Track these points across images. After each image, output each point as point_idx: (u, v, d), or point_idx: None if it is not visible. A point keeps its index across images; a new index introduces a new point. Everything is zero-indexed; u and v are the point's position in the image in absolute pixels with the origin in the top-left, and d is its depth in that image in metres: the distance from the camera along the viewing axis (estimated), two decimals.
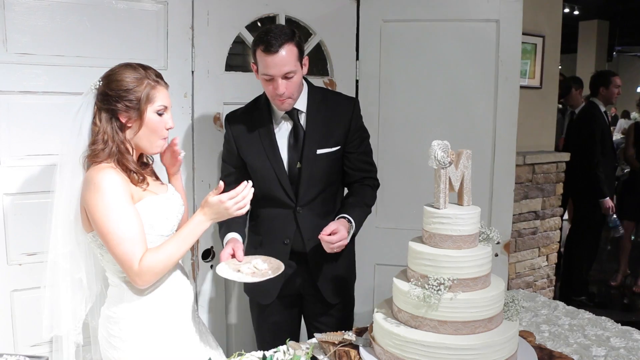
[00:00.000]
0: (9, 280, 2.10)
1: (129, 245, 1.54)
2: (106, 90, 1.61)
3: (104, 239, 1.56)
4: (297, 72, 1.89)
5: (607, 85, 4.45)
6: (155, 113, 1.65)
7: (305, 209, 2.05)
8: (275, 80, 1.87)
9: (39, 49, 2.06)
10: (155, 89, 1.64)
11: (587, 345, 1.84)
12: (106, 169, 1.58)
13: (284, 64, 1.83)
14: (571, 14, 8.09)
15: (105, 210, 1.54)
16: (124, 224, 1.54)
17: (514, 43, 2.68)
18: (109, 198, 1.54)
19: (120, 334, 1.66)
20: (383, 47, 2.76)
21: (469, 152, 1.60)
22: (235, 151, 2.08)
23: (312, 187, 2.04)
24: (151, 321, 1.67)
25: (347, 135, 2.07)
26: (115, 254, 1.55)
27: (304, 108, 2.04)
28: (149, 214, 1.64)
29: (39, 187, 2.11)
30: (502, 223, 2.72)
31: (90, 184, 1.57)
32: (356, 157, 2.12)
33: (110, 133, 1.61)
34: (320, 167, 2.03)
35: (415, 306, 1.47)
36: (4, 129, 2.04)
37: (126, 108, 1.61)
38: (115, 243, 1.54)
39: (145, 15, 2.26)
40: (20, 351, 2.06)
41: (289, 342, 1.67)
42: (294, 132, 2.03)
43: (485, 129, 2.74)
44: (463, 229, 1.50)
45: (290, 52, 1.84)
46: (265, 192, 2.04)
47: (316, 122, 2.03)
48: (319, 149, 2.02)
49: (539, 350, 1.62)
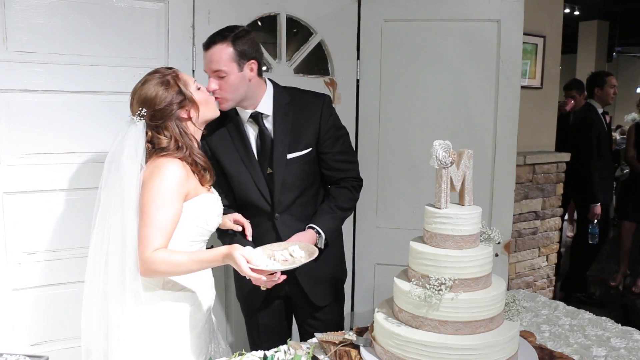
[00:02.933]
0: (8, 279, 2.10)
1: (154, 231, 1.59)
2: (152, 112, 1.67)
3: (141, 217, 1.61)
4: (230, 73, 1.84)
5: (602, 86, 4.39)
6: (197, 89, 1.74)
7: (284, 215, 2.00)
8: (209, 79, 1.87)
9: (39, 47, 2.06)
10: (178, 73, 1.72)
11: (587, 346, 1.83)
12: (175, 160, 1.66)
13: (212, 61, 1.84)
14: (571, 15, 8.08)
15: (156, 194, 1.60)
16: (163, 213, 1.60)
17: (515, 43, 2.68)
18: (165, 185, 1.61)
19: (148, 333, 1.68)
20: (384, 47, 2.76)
21: (470, 152, 1.60)
22: (214, 159, 1.99)
23: (287, 192, 1.99)
24: (175, 322, 1.70)
25: (317, 135, 2.00)
26: (140, 233, 1.60)
27: (269, 111, 1.97)
28: (206, 209, 1.72)
29: (39, 186, 2.11)
30: (502, 223, 2.72)
31: (155, 169, 1.64)
32: (331, 158, 2.05)
33: (177, 132, 1.69)
34: (293, 171, 1.98)
35: (416, 306, 1.47)
36: (4, 127, 2.04)
37: (180, 106, 1.69)
38: (146, 223, 1.59)
39: (146, 14, 2.26)
40: (20, 350, 2.05)
41: (289, 342, 1.67)
42: (260, 136, 1.97)
43: (486, 129, 2.74)
44: (464, 229, 1.50)
45: (221, 52, 1.83)
46: (244, 199, 2.01)
47: (284, 126, 1.97)
48: (289, 154, 1.96)
49: (539, 351, 1.62)
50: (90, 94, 2.17)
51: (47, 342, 2.18)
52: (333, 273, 2.16)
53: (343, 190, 2.08)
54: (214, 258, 1.62)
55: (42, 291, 2.16)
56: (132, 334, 1.65)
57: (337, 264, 2.20)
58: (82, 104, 2.16)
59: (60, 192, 2.16)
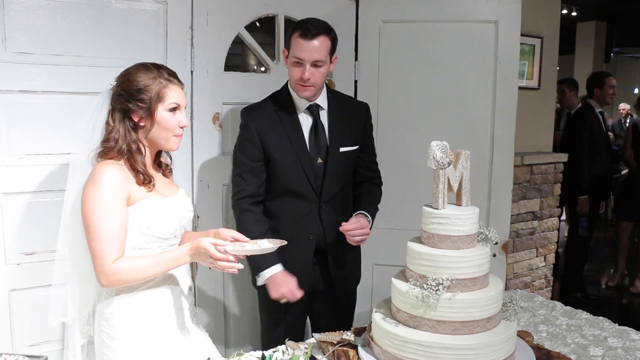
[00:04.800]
0: (7, 279, 2.10)
1: (107, 243, 1.55)
2: (119, 90, 1.64)
3: (86, 230, 1.58)
4: (325, 64, 1.98)
5: (601, 86, 4.50)
6: (167, 111, 1.65)
7: (327, 205, 2.09)
8: (304, 66, 1.95)
9: (38, 49, 2.06)
10: (167, 87, 1.65)
11: (584, 345, 1.84)
12: (109, 164, 1.60)
13: (315, 51, 1.93)
14: (569, 15, 8.09)
15: (96, 203, 1.55)
16: (108, 221, 1.55)
17: (513, 44, 2.69)
18: (103, 193, 1.55)
19: (110, 330, 1.66)
20: (382, 48, 2.77)
21: (467, 152, 1.60)
22: (258, 143, 2.04)
23: (335, 183, 2.10)
24: (143, 318, 1.67)
25: (363, 136, 2.17)
26: (92, 247, 1.57)
27: (325, 105, 2.10)
28: (148, 214, 1.63)
29: (38, 187, 2.12)
30: (500, 223, 2.73)
31: (91, 177, 1.59)
32: (369, 158, 2.24)
33: (123, 132, 1.63)
34: (343, 164, 2.11)
35: (414, 306, 1.48)
36: (2, 128, 2.04)
37: (138, 107, 1.63)
38: (94, 237, 1.55)
39: (145, 15, 2.26)
40: (19, 351, 2.06)
41: (287, 341, 1.67)
42: (315, 127, 2.08)
43: (484, 129, 2.74)
44: (461, 229, 1.50)
45: (324, 43, 1.95)
46: (288, 186, 2.06)
47: (337, 121, 2.10)
48: (341, 147, 2.09)
49: (536, 350, 1.63)
50: (89, 94, 2.15)
51: (46, 343, 2.18)
52: (354, 271, 2.28)
53: (376, 187, 2.27)
54: (179, 255, 1.60)
55: (41, 292, 2.16)
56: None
57: (358, 264, 2.32)
58: (81, 104, 2.15)
59: (59, 193, 2.14)
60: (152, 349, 1.66)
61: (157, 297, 1.70)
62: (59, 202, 2.13)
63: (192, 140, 2.42)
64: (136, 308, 1.66)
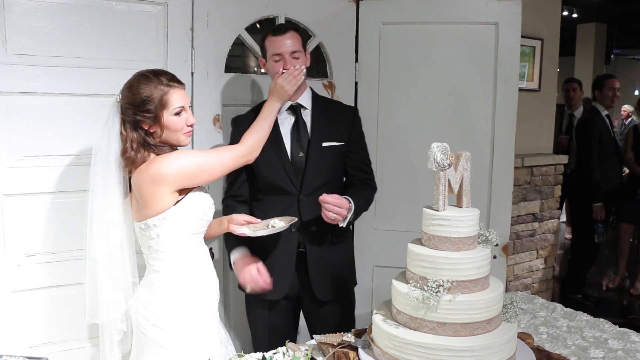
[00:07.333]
0: (7, 281, 2.10)
1: (222, 151, 1.84)
2: (125, 104, 1.71)
3: (200, 172, 1.74)
4: (301, 55, 2.05)
5: (601, 89, 4.48)
6: (173, 115, 1.73)
7: (308, 198, 2.08)
8: (284, 58, 2.02)
9: (38, 50, 2.06)
10: (168, 93, 1.71)
11: (585, 347, 1.84)
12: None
13: (290, 44, 2.03)
14: (569, 17, 8.10)
15: (191, 158, 1.76)
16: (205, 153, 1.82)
17: (513, 46, 2.69)
18: (187, 155, 1.76)
19: (156, 314, 1.76)
20: (382, 50, 2.77)
21: (468, 154, 1.60)
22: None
23: (317, 176, 2.10)
24: (185, 308, 1.77)
25: (350, 134, 2.17)
26: (223, 162, 1.80)
27: (308, 105, 2.13)
28: (202, 201, 1.79)
29: (38, 188, 2.12)
30: (500, 225, 2.72)
31: (156, 164, 1.69)
32: (359, 158, 2.21)
33: (138, 140, 1.72)
34: (326, 158, 2.12)
35: (414, 308, 1.47)
36: (3, 129, 2.04)
37: (145, 117, 1.71)
38: (214, 161, 1.79)
39: (145, 17, 2.26)
40: (19, 352, 2.05)
41: (288, 343, 1.67)
42: (296, 124, 2.12)
43: (484, 131, 2.74)
44: (462, 231, 1.50)
45: (295, 36, 2.05)
46: (269, 181, 2.10)
47: (321, 119, 2.13)
48: (324, 142, 2.11)
49: (537, 352, 1.62)
50: (89, 96, 2.17)
51: (46, 344, 2.18)
52: (343, 272, 2.22)
53: (367, 187, 2.23)
54: (270, 105, 1.96)
55: (41, 293, 2.16)
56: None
57: (349, 265, 2.28)
58: (81, 106, 2.16)
59: (59, 194, 2.16)
60: (197, 328, 1.79)
61: (197, 289, 1.81)
62: (59, 204, 2.16)
63: (193, 141, 2.42)
64: (179, 291, 1.77)
